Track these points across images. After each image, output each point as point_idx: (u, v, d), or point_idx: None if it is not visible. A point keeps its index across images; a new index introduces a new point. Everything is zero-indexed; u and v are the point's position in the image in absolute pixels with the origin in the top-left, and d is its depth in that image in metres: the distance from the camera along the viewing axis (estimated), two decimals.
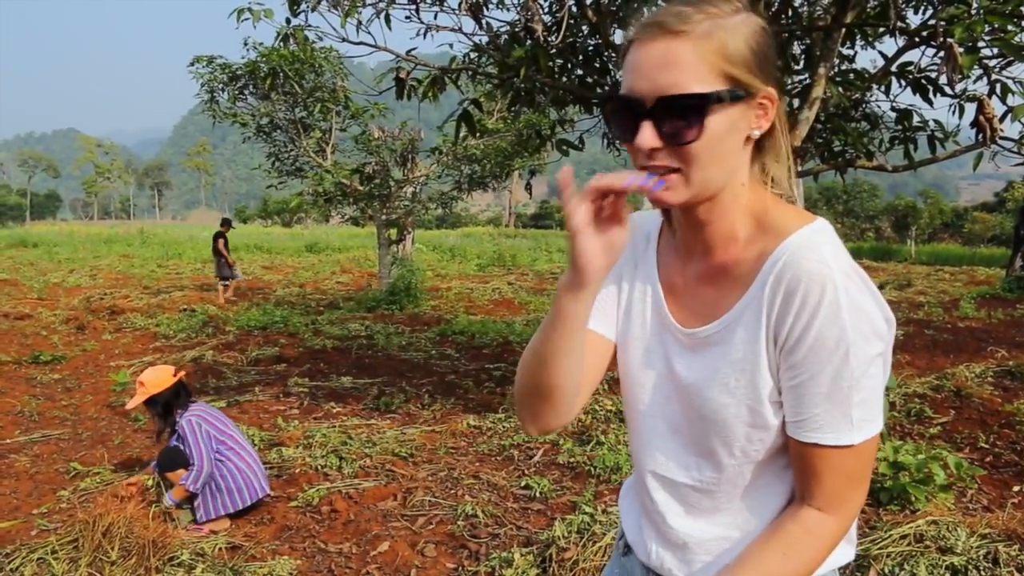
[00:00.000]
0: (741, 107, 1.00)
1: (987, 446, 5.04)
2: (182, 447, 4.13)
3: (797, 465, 1.05)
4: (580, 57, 5.46)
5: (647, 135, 0.98)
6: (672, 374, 1.14)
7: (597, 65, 5.51)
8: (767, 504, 1.12)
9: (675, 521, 1.17)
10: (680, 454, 1.15)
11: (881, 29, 5.11)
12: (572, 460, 4.92)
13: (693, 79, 0.97)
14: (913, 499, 3.83)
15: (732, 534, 1.14)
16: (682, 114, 0.97)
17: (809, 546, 1.04)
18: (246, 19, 5.44)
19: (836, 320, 0.96)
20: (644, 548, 1.24)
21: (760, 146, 1.08)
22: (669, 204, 1.02)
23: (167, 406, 4.21)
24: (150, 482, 4.45)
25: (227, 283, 14.39)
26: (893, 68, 5.20)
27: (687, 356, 1.12)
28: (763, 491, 1.11)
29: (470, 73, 5.79)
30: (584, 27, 5.32)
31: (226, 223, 15.21)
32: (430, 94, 5.31)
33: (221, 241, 14.45)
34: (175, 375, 4.27)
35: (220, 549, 3.73)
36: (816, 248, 0.99)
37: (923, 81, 5.09)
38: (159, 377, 4.21)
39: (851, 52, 5.79)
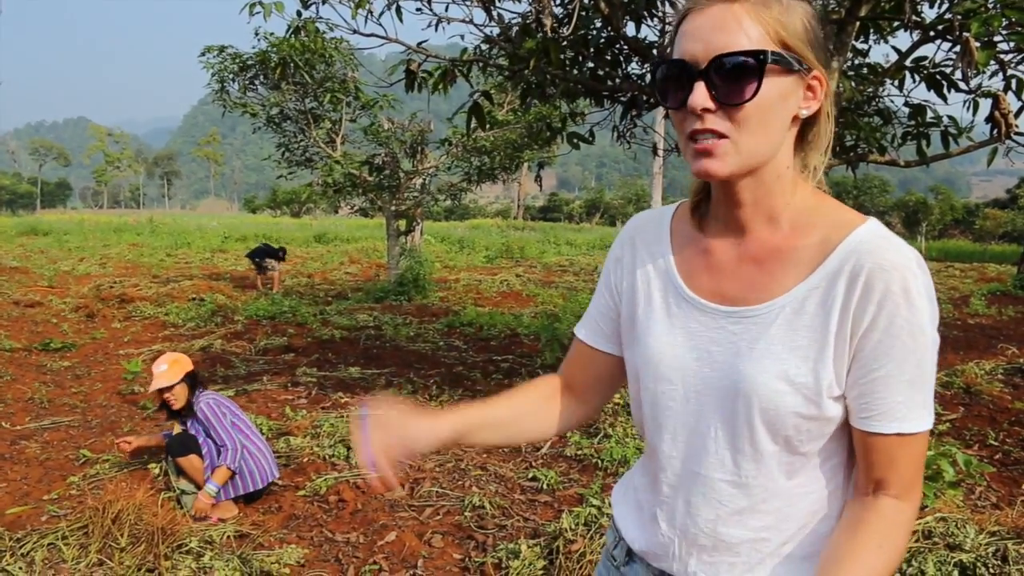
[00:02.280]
0: (793, 79, 1.02)
1: (996, 443, 5.02)
2: (194, 433, 4.21)
3: (870, 457, 1.04)
4: (591, 50, 5.43)
5: (700, 95, 0.98)
6: (709, 361, 1.10)
7: (608, 58, 5.48)
8: (800, 505, 1.10)
9: (707, 526, 1.13)
10: (716, 450, 1.10)
11: (896, 23, 5.06)
12: (579, 453, 4.92)
13: (749, 40, 0.98)
14: (922, 495, 3.81)
15: (766, 535, 1.11)
16: (737, 73, 0.98)
17: (897, 535, 1.04)
18: (257, 12, 5.43)
19: (918, 309, 0.99)
20: (664, 555, 1.19)
21: (803, 135, 1.08)
22: (716, 175, 1.01)
23: (190, 388, 4.31)
24: (156, 471, 4.48)
25: (273, 271, 14.64)
26: (907, 63, 5.16)
27: (727, 340, 1.09)
28: (797, 491, 1.09)
29: (481, 65, 5.77)
30: (596, 20, 5.29)
31: (282, 253, 15.34)
32: (440, 86, 5.29)
33: (271, 262, 14.63)
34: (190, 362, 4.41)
35: (228, 537, 3.75)
36: (890, 239, 1.02)
37: (938, 76, 5.04)
38: (184, 359, 4.36)
39: (865, 47, 5.74)
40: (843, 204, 1.10)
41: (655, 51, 5.18)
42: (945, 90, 5.06)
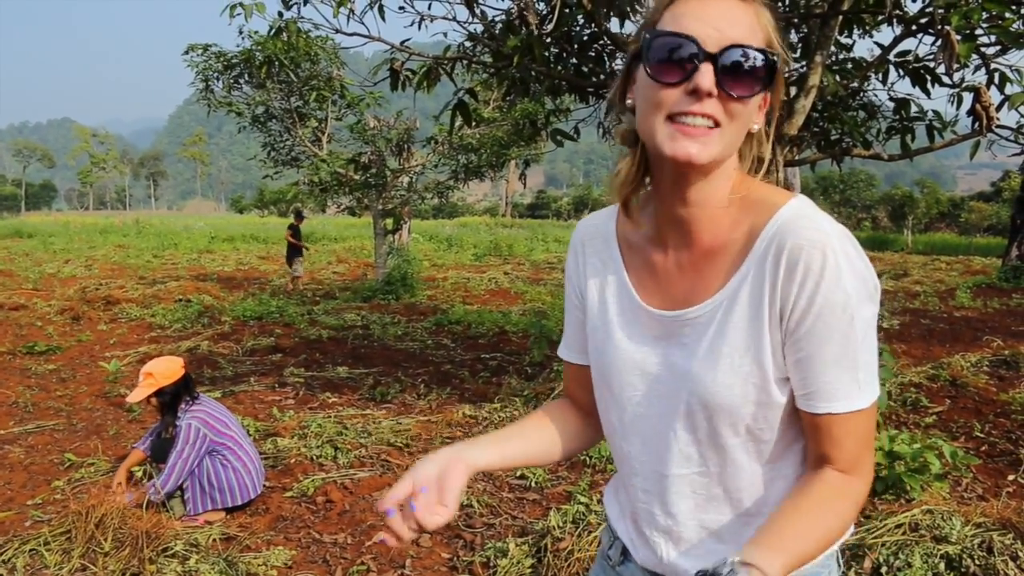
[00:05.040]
0: (763, 91, 1.03)
1: (982, 435, 5.05)
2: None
3: (812, 435, 1.04)
4: (575, 46, 5.42)
5: (708, 77, 0.96)
6: (667, 365, 1.11)
7: (592, 54, 5.47)
8: (776, 487, 1.11)
9: (688, 518, 1.14)
10: (681, 447, 1.11)
11: (878, 17, 5.08)
12: None
13: (758, 41, 0.99)
14: (908, 488, 3.83)
15: (747, 519, 1.12)
16: (748, 67, 0.97)
17: (841, 503, 1.03)
18: (238, 14, 5.39)
19: (840, 285, 0.97)
20: (652, 553, 1.20)
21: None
22: (697, 161, 0.98)
23: (175, 397, 4.12)
24: (139, 473, 4.43)
25: (295, 272, 14.79)
26: (891, 57, 5.17)
27: (679, 343, 1.10)
28: (771, 475, 1.10)
29: (465, 63, 5.75)
30: (579, 16, 5.28)
31: (298, 216, 15.64)
32: (424, 85, 5.27)
33: (289, 232, 14.91)
34: (183, 367, 4.19)
35: (214, 540, 3.72)
36: (811, 217, 1.01)
37: (921, 71, 5.06)
38: (169, 368, 4.10)
39: (849, 41, 5.76)
40: (772, 186, 1.10)
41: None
42: (929, 84, 5.08)
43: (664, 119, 0.99)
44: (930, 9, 4.30)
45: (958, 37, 3.71)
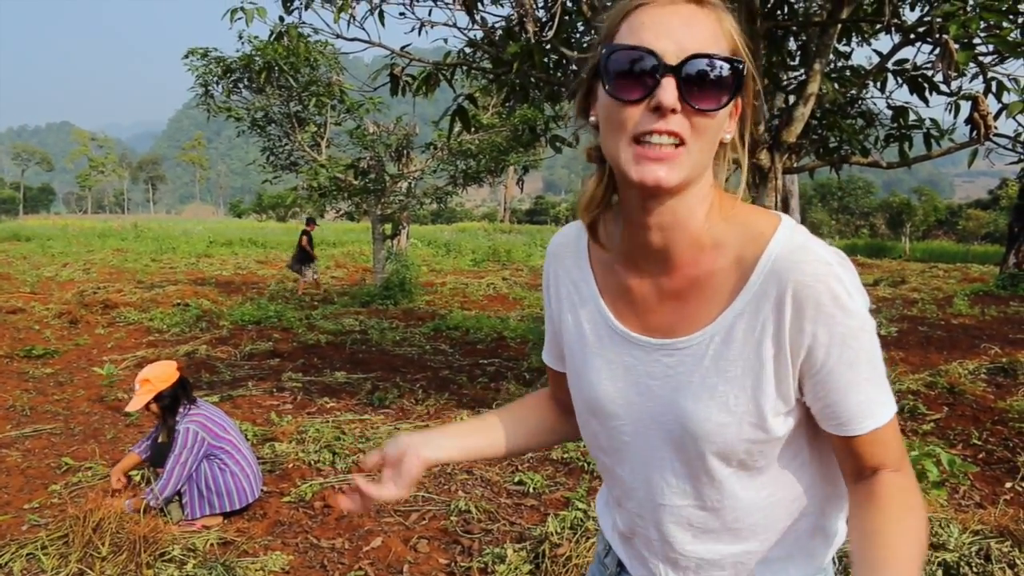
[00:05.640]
0: (734, 100, 0.98)
1: (980, 443, 5.05)
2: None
3: (857, 453, 1.02)
4: (575, 52, 5.44)
5: (670, 92, 0.90)
6: (652, 393, 1.08)
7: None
8: (775, 513, 1.09)
9: (685, 547, 1.12)
10: (676, 482, 1.09)
11: (877, 26, 5.10)
12: (566, 456, 4.92)
13: (719, 47, 0.94)
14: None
15: (748, 548, 1.10)
16: (713, 78, 0.92)
17: (916, 500, 1.00)
18: (239, 18, 5.41)
19: (856, 310, 0.96)
20: (650, 574, 1.18)
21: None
22: (666, 185, 0.93)
23: (173, 400, 4.09)
24: (138, 478, 4.42)
25: (305, 278, 14.93)
26: (889, 65, 5.20)
27: (663, 373, 1.06)
28: (768, 501, 1.08)
29: (464, 68, 5.77)
30: (579, 22, 5.30)
31: (311, 222, 15.70)
32: (424, 90, 5.29)
33: (305, 238, 14.95)
34: (178, 369, 4.18)
35: (212, 545, 3.71)
36: (806, 248, 0.97)
37: (919, 79, 5.08)
38: (164, 373, 4.08)
39: (847, 49, 5.78)
40: (754, 207, 1.05)
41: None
42: (927, 92, 5.11)
43: (628, 141, 0.94)
44: (928, 18, 4.33)
45: (956, 46, 3.73)
